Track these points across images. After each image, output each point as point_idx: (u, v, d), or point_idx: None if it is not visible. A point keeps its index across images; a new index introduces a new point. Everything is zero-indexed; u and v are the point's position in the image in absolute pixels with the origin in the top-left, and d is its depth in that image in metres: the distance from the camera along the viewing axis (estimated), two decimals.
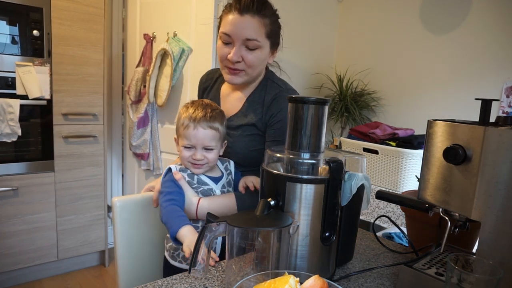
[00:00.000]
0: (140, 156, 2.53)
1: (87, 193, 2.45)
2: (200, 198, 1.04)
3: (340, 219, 0.80)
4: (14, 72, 2.08)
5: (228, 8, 1.05)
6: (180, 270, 0.91)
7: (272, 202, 0.76)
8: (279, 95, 1.12)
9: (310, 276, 0.60)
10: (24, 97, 2.11)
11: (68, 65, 2.26)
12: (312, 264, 0.77)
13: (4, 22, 2.04)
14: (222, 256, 1.10)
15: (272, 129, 1.11)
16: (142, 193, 1.20)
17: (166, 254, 1.12)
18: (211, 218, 0.73)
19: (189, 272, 0.76)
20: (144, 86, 2.35)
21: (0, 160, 2.10)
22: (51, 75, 2.20)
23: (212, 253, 0.84)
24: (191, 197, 1.04)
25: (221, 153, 1.11)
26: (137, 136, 2.44)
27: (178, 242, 0.90)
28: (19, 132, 2.09)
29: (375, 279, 0.84)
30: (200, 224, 1.06)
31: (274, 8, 1.11)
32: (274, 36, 1.11)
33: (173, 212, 0.96)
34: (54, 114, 2.24)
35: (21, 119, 2.09)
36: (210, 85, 1.27)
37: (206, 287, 0.76)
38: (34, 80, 2.13)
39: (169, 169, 1.08)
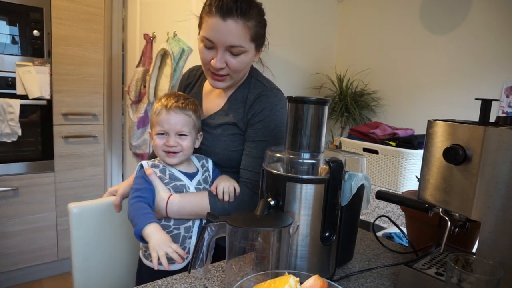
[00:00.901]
0: (140, 156, 2.53)
1: (87, 193, 2.45)
2: (171, 194, 0.99)
3: (340, 219, 0.80)
4: (14, 72, 2.08)
5: (208, 9, 0.97)
6: (152, 270, 0.85)
7: (272, 202, 0.76)
8: (262, 94, 1.07)
9: (310, 276, 0.60)
10: (24, 97, 2.11)
11: (68, 65, 2.26)
12: (312, 264, 0.77)
13: (4, 22, 2.04)
14: (216, 257, 1.06)
15: (253, 129, 1.05)
16: (104, 197, 1.14)
17: (140, 253, 1.07)
18: (211, 218, 0.73)
19: (189, 272, 0.76)
20: (144, 86, 2.35)
21: (0, 160, 2.10)
22: (51, 75, 2.20)
23: (180, 250, 0.82)
24: (162, 193, 0.99)
25: (197, 146, 1.07)
26: (137, 136, 2.44)
27: (144, 241, 0.86)
28: (19, 132, 2.09)
29: (375, 279, 0.84)
30: (172, 223, 1.01)
31: (259, 5, 1.02)
32: (259, 38, 1.04)
33: (139, 209, 0.91)
34: (54, 114, 2.24)
35: (21, 119, 2.09)
36: (192, 82, 1.23)
37: (206, 287, 0.76)
38: (34, 80, 2.13)
39: (141, 166, 1.03)
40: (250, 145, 1.06)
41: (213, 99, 1.15)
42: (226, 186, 1.02)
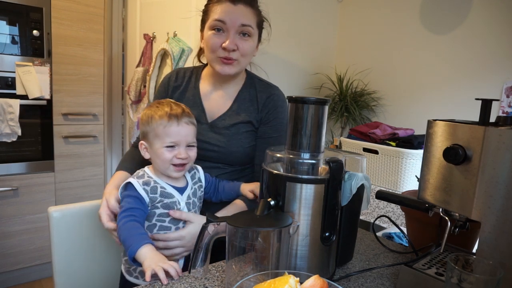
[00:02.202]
0: None
1: (87, 193, 2.45)
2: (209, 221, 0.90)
3: (340, 219, 0.80)
4: (14, 72, 2.08)
5: (216, 0, 1.05)
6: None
7: (272, 202, 0.76)
8: (273, 93, 1.15)
9: (310, 276, 0.60)
10: (24, 97, 2.11)
11: (68, 65, 2.26)
12: (312, 264, 0.77)
13: (4, 22, 2.04)
14: (215, 258, 1.00)
15: (268, 126, 1.13)
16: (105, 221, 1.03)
17: (123, 268, 1.02)
18: (211, 218, 0.73)
19: (189, 272, 0.76)
20: (144, 86, 2.35)
21: (0, 160, 2.10)
22: (51, 75, 2.20)
23: (175, 265, 0.78)
24: (201, 222, 0.87)
25: None
26: (137, 136, 2.44)
27: (137, 263, 0.81)
28: (19, 132, 2.09)
29: (375, 279, 0.83)
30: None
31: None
32: (261, 28, 1.12)
33: (132, 229, 0.86)
34: (54, 114, 2.24)
35: (21, 119, 2.09)
36: (183, 84, 1.20)
37: (206, 287, 0.76)
38: (34, 80, 2.13)
39: (128, 184, 0.95)
40: (265, 141, 1.11)
41: (217, 100, 1.16)
42: (257, 188, 1.03)
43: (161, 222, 0.96)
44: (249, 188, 1.06)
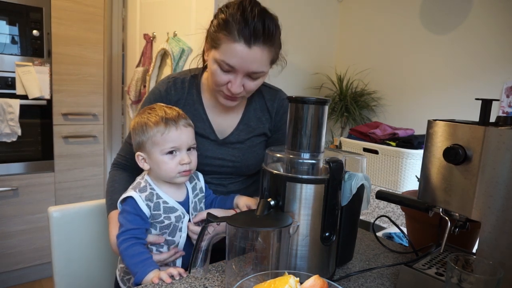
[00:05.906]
0: None
1: (87, 193, 2.45)
2: None
3: (340, 219, 0.80)
4: (14, 72, 2.08)
5: (227, 31, 0.87)
6: None
7: (272, 202, 0.76)
8: (281, 98, 1.11)
9: (310, 276, 0.60)
10: (24, 97, 2.11)
11: (68, 65, 2.26)
12: (312, 264, 0.77)
13: (4, 22, 2.04)
14: (217, 257, 0.99)
15: (280, 132, 1.10)
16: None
17: (117, 273, 1.00)
18: (211, 218, 0.73)
19: (189, 272, 0.76)
20: (144, 86, 2.35)
21: (0, 160, 2.10)
22: (51, 75, 2.20)
23: (180, 269, 0.80)
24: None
25: None
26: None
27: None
28: (19, 132, 2.09)
29: (375, 279, 0.83)
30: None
31: (278, 24, 0.94)
32: (276, 59, 0.99)
33: (136, 256, 0.83)
34: (54, 114, 2.24)
35: (21, 119, 2.09)
36: (183, 96, 1.05)
37: (206, 287, 0.76)
38: (34, 80, 2.13)
39: (129, 198, 0.89)
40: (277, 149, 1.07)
41: (224, 113, 1.08)
42: (255, 205, 0.97)
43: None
44: (246, 203, 1.00)
